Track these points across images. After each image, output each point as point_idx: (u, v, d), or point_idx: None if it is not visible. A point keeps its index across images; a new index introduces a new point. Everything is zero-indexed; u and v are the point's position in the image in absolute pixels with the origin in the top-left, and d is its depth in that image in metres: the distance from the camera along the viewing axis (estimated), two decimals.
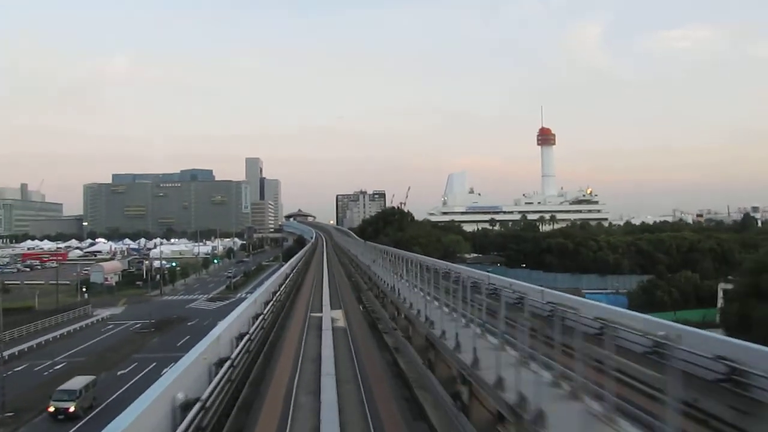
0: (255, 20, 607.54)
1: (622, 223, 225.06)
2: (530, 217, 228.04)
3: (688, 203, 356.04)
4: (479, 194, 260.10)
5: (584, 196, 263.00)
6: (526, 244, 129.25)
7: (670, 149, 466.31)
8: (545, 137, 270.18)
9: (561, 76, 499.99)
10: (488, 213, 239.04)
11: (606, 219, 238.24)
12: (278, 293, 40.37)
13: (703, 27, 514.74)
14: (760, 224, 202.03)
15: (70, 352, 65.72)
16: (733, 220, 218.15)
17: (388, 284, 34.10)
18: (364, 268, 59.48)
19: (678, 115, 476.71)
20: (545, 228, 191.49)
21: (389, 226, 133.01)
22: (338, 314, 36.49)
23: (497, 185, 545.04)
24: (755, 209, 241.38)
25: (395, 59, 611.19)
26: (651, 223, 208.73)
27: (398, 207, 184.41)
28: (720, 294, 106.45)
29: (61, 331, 77.45)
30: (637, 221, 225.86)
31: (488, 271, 54.53)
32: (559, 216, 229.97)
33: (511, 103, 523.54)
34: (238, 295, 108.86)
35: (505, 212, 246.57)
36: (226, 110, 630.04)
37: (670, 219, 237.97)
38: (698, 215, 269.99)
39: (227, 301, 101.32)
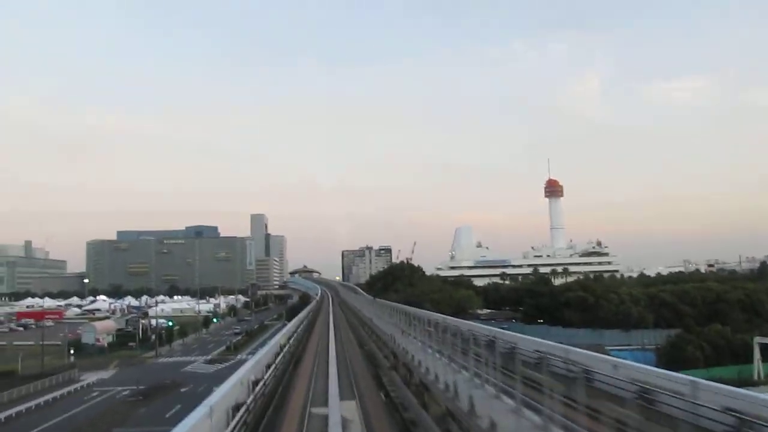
0: (261, 75, 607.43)
1: (634, 275, 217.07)
2: (541, 270, 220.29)
3: (696, 253, 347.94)
4: (487, 248, 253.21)
5: (594, 248, 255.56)
6: (542, 299, 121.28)
7: (675, 199, 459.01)
8: (553, 189, 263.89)
9: (565, 128, 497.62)
10: (497, 267, 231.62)
11: (617, 271, 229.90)
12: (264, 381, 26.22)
13: (701, 77, 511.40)
14: None
15: (44, 426, 57.84)
16: (749, 269, 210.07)
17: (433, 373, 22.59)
18: (378, 333, 50.20)
19: (681, 164, 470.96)
20: (558, 281, 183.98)
21: (398, 281, 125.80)
22: (351, 409, 22.49)
23: (504, 239, 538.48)
24: None
25: (400, 114, 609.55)
26: (665, 274, 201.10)
27: (407, 261, 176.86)
28: (756, 348, 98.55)
29: (41, 399, 69.48)
30: (650, 272, 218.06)
31: (503, 328, 47.26)
32: (570, 269, 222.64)
33: (515, 157, 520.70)
34: (239, 356, 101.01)
35: (514, 266, 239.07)
36: (232, 166, 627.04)
37: (682, 269, 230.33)
38: (709, 265, 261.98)
39: (226, 364, 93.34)
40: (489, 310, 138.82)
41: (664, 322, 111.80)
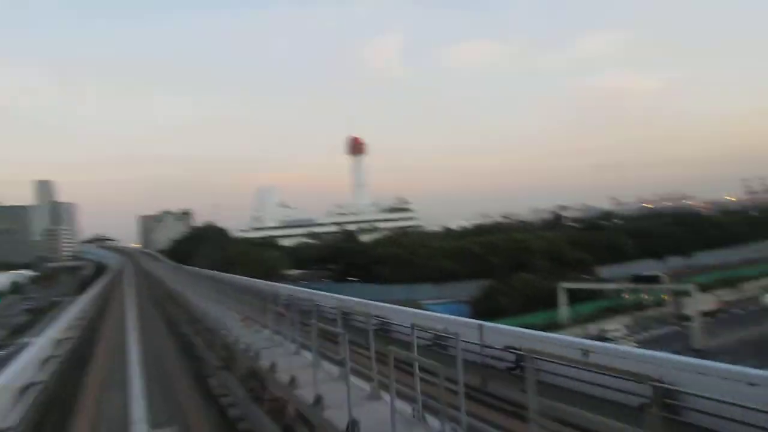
0: (50, 34, 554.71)
1: (439, 229, 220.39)
2: (348, 227, 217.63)
3: (489, 207, 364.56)
4: (292, 208, 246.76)
5: (397, 204, 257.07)
6: (354, 256, 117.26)
7: (470, 156, 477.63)
8: (356, 146, 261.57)
9: (369, 87, 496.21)
10: (303, 226, 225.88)
11: (420, 226, 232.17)
12: None
13: (492, 41, 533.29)
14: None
15: None
16: (540, 219, 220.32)
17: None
18: (186, 305, 38.58)
19: (470, 124, 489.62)
20: (365, 238, 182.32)
21: (203, 245, 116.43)
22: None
23: (309, 199, 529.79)
24: (563, 207, 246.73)
25: (198, 76, 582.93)
26: (469, 227, 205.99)
27: (211, 225, 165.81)
28: (561, 294, 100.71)
29: None
30: (453, 226, 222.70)
31: (317, 289, 45.81)
32: (376, 225, 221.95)
33: (317, 116, 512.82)
34: (26, 340, 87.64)
35: (319, 224, 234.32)
36: (14, 131, 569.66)
37: (481, 222, 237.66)
38: (504, 217, 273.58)
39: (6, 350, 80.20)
40: (300, 271, 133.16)
41: (476, 273, 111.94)
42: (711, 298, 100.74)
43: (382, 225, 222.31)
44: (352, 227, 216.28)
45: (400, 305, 20.99)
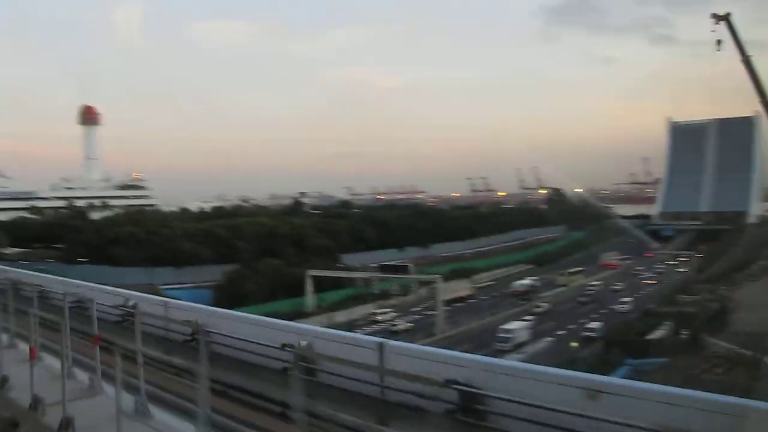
0: None
1: (175, 209, 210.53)
2: (78, 203, 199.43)
3: (227, 190, 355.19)
4: (7, 178, 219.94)
5: (131, 180, 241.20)
6: (85, 235, 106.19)
7: (208, 137, 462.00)
8: (89, 116, 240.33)
9: (103, 56, 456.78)
10: (22, 199, 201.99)
11: (155, 205, 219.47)
12: None
13: (242, 23, 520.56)
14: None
15: None
16: (279, 205, 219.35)
17: None
18: None
19: (213, 105, 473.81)
20: (97, 215, 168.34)
21: None
22: None
23: (32, 170, 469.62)
24: (303, 194, 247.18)
25: None
26: (208, 209, 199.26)
27: None
28: (308, 281, 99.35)
29: None
30: (190, 207, 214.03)
31: (40, 270, 41.43)
32: (107, 202, 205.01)
33: (46, 81, 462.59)
34: None
35: (43, 198, 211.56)
36: None
37: (221, 204, 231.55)
38: (243, 201, 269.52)
39: None
40: (20, 250, 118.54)
41: (221, 257, 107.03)
42: (462, 285, 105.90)
43: (114, 202, 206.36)
44: (81, 203, 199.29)
45: (137, 291, 20.22)
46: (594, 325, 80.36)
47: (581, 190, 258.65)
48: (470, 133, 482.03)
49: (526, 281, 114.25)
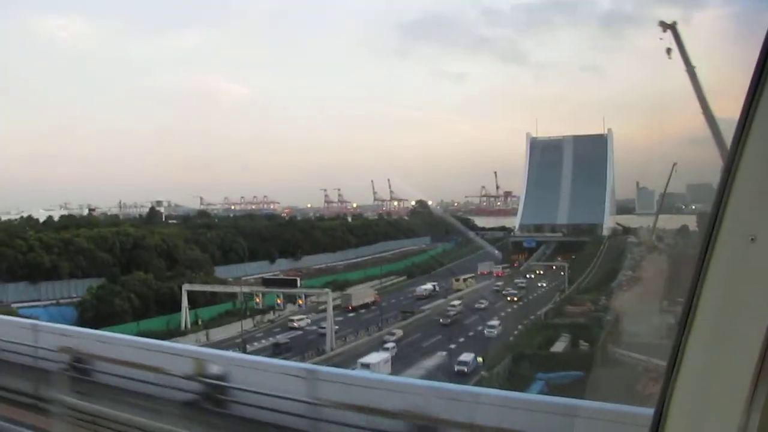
0: None
1: (13, 217, 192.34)
2: None
3: (70, 199, 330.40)
4: None
5: None
6: None
7: (48, 143, 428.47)
8: None
9: None
10: None
11: None
12: None
13: (82, 21, 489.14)
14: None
15: None
16: (137, 216, 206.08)
17: None
18: None
19: (54, 106, 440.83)
20: None
21: None
22: None
23: None
24: (159, 203, 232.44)
25: None
26: (56, 217, 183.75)
27: None
28: (184, 296, 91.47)
29: None
30: (36, 215, 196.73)
31: None
32: None
33: None
34: None
35: None
36: None
37: (65, 212, 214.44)
38: (90, 210, 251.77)
39: None
40: None
41: (81, 271, 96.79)
42: (368, 291, 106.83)
43: None
44: None
45: None
46: (465, 357, 72.75)
47: (432, 203, 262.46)
48: (321, 145, 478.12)
49: (428, 286, 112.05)
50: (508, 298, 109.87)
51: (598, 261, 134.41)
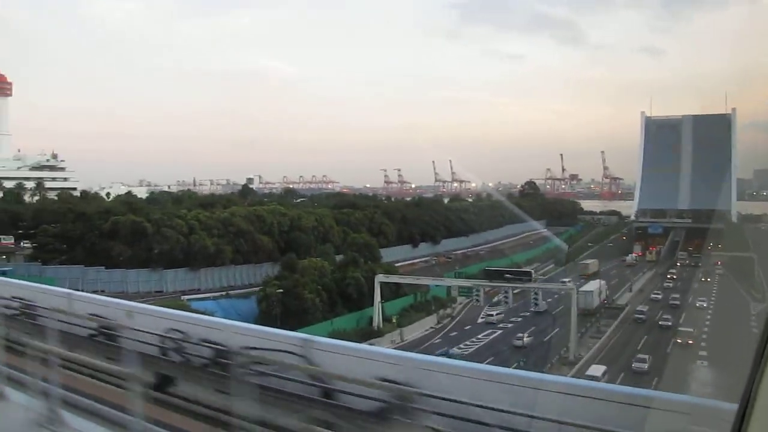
0: None
1: (102, 193, 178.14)
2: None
3: (149, 174, 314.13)
4: None
5: (48, 160, 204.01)
6: (66, 225, 75.96)
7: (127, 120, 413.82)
8: None
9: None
10: None
11: (75, 188, 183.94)
12: None
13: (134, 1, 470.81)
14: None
15: None
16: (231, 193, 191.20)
17: None
18: None
19: (120, 88, 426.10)
20: (29, 198, 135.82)
21: None
22: None
23: None
24: (251, 180, 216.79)
25: None
26: (141, 193, 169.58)
27: None
28: (378, 290, 74.66)
29: None
30: (118, 191, 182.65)
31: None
32: (19, 184, 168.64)
33: None
34: None
35: None
36: None
37: (150, 189, 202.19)
38: (180, 185, 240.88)
39: None
40: None
41: (242, 256, 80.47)
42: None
43: (30, 185, 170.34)
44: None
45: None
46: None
47: (492, 185, 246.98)
48: (378, 125, 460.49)
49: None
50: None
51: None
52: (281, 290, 66.81)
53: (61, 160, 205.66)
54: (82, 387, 7.83)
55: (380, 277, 72.84)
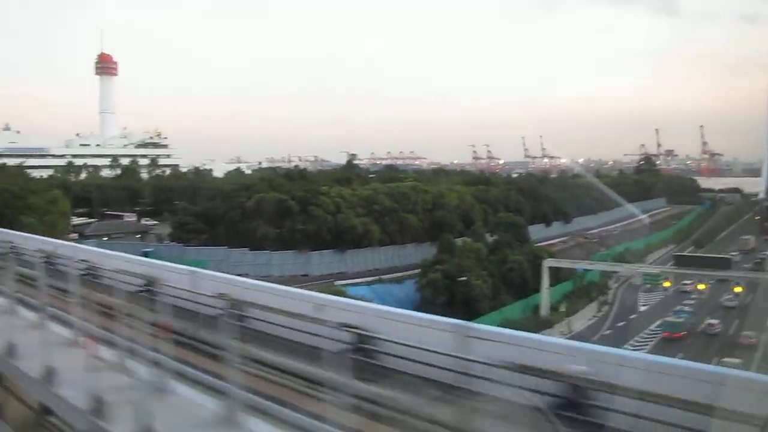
0: None
1: (210, 169, 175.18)
2: (91, 162, 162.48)
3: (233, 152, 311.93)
4: (18, 132, 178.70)
5: (151, 138, 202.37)
6: (204, 203, 69.95)
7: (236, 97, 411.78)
8: (105, 65, 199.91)
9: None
10: (33, 156, 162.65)
11: (178, 165, 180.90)
12: None
13: None
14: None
15: None
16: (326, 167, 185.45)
17: None
18: None
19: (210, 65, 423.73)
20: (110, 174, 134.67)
21: None
22: None
23: (42, 124, 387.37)
24: (353, 156, 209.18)
25: None
26: (249, 170, 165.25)
27: None
28: (546, 275, 65.98)
29: None
30: (224, 168, 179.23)
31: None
32: (123, 161, 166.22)
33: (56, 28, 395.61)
34: None
35: (55, 155, 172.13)
36: None
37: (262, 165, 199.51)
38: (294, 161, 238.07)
39: None
40: (88, 219, 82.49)
41: (388, 237, 72.88)
42: None
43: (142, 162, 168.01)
44: (98, 162, 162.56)
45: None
46: None
47: (582, 161, 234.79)
48: (465, 101, 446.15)
49: None
50: None
51: None
52: (446, 276, 58.92)
53: (164, 138, 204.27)
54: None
55: (549, 262, 64.32)
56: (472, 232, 73.27)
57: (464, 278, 57.35)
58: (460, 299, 58.16)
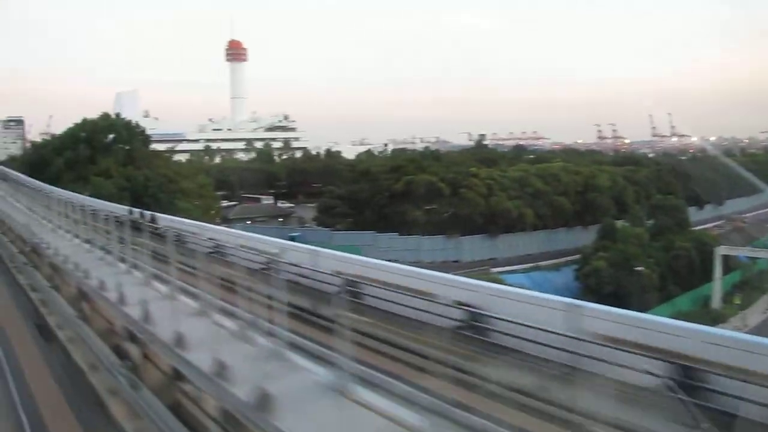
0: None
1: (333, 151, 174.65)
2: (224, 146, 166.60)
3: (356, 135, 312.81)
4: (156, 118, 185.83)
5: (280, 121, 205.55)
6: (350, 186, 68.67)
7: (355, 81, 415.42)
8: (235, 52, 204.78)
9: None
10: (171, 141, 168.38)
11: (305, 147, 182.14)
12: None
13: None
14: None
15: None
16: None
17: None
18: None
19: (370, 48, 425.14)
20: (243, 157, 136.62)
21: (102, 155, 59.96)
22: None
23: (177, 109, 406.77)
24: (483, 136, 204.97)
25: None
26: (377, 151, 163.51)
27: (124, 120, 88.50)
28: (718, 263, 60.29)
29: None
30: (351, 150, 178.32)
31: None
32: (255, 144, 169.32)
33: (190, 14, 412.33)
34: None
35: (190, 140, 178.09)
36: None
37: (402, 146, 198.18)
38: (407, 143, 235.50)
39: None
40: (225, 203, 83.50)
41: (541, 221, 69.09)
42: None
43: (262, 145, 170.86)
44: (230, 146, 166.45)
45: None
46: None
47: (713, 139, 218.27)
48: (587, 79, 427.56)
49: None
50: None
51: None
52: (610, 264, 54.63)
53: (292, 121, 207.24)
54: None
55: (722, 249, 58.44)
56: (631, 216, 68.21)
57: (640, 268, 52.76)
58: (626, 289, 53.77)
